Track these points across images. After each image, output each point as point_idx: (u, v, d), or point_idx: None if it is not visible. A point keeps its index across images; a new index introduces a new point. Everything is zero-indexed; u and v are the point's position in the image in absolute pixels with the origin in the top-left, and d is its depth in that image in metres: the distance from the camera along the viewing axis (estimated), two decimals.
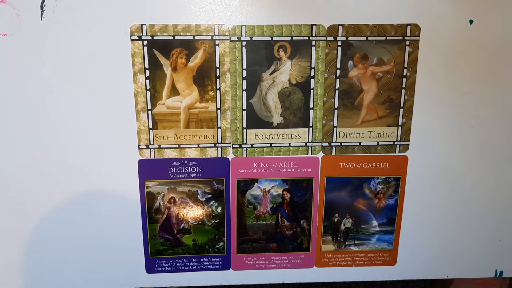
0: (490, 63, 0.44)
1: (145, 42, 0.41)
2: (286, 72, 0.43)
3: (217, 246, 0.48)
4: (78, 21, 0.40)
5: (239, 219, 0.48)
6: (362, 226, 0.49)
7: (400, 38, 0.43)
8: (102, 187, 0.45)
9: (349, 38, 0.43)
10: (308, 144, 0.46)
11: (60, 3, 0.40)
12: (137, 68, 0.42)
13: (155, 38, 0.41)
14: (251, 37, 0.42)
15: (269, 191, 0.47)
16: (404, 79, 0.44)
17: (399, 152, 0.46)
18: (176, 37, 0.41)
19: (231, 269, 0.49)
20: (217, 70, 0.43)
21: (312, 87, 0.44)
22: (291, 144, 0.45)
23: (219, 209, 0.47)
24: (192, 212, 0.47)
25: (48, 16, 0.40)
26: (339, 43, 0.43)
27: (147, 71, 0.42)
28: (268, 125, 0.45)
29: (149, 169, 0.45)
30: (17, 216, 0.45)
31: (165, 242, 0.48)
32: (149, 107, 0.43)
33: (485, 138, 0.46)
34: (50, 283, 0.47)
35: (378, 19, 0.42)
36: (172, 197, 0.46)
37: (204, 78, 0.43)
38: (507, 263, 0.51)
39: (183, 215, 0.47)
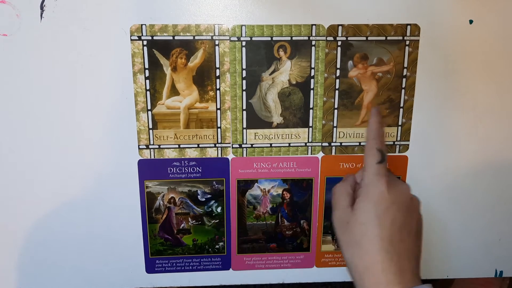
0: (490, 63, 0.44)
1: (145, 42, 0.41)
2: (286, 72, 0.43)
3: (217, 246, 0.48)
4: (78, 21, 0.40)
5: (239, 219, 0.48)
6: None
7: (400, 38, 0.43)
8: (102, 187, 0.45)
9: (349, 38, 0.43)
10: (308, 144, 0.45)
11: (60, 3, 0.40)
12: (137, 68, 0.42)
13: (155, 38, 0.41)
14: (251, 37, 0.42)
15: (269, 191, 0.47)
16: (404, 79, 0.44)
17: (399, 152, 0.46)
18: (176, 37, 0.41)
19: (231, 269, 0.49)
20: (217, 70, 0.43)
21: (312, 87, 0.44)
22: (291, 144, 0.45)
23: (219, 209, 0.47)
24: (192, 212, 0.47)
25: (48, 16, 0.40)
26: (339, 43, 0.43)
27: (147, 71, 0.42)
28: (268, 125, 0.45)
29: (149, 169, 0.45)
30: (17, 216, 0.45)
31: (165, 242, 0.48)
32: (149, 107, 0.43)
33: (485, 138, 0.46)
34: (50, 283, 0.47)
35: (378, 19, 0.42)
36: (172, 197, 0.46)
37: (204, 78, 0.43)
38: (507, 263, 0.51)
39: (183, 215, 0.47)
